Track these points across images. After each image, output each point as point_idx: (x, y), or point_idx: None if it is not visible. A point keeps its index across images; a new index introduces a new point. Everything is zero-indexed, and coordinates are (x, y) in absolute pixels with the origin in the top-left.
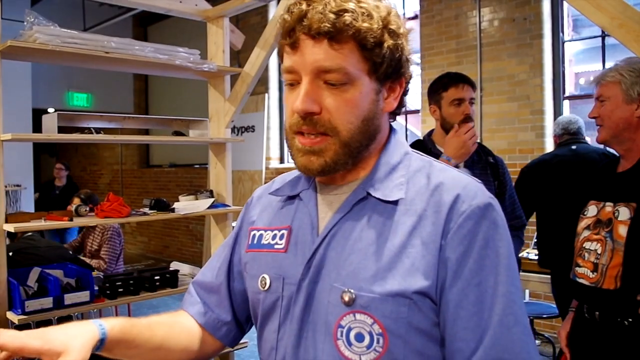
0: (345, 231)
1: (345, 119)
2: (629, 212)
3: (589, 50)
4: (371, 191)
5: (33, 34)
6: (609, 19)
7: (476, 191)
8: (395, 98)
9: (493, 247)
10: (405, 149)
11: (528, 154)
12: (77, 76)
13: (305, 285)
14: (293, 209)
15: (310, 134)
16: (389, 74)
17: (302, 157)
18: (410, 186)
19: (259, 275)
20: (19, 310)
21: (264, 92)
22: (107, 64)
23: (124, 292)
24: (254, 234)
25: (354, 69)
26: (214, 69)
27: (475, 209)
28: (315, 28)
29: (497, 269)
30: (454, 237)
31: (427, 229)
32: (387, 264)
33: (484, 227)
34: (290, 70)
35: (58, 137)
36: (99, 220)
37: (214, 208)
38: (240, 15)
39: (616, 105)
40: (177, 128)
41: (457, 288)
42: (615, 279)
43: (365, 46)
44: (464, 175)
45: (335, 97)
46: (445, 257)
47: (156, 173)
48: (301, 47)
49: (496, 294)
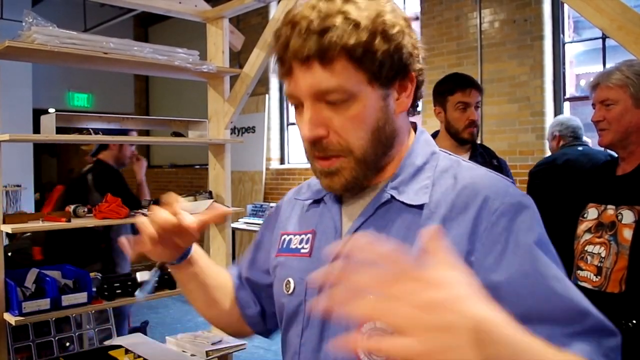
0: (369, 234)
1: (354, 135)
2: (633, 215)
3: (589, 52)
4: (395, 194)
5: (31, 35)
6: (608, 21)
7: (506, 189)
8: (408, 95)
9: (532, 241)
10: (431, 148)
11: (528, 155)
12: (77, 76)
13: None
14: (318, 212)
15: (325, 157)
16: (393, 77)
17: (324, 179)
18: (437, 188)
19: (284, 279)
20: (16, 311)
21: (264, 93)
22: (106, 65)
23: (122, 293)
24: (284, 238)
25: (352, 84)
26: (213, 69)
27: (508, 206)
28: (300, 53)
29: (541, 262)
30: (489, 237)
31: (453, 232)
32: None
33: (520, 223)
34: (290, 96)
35: (56, 138)
36: (98, 221)
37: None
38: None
39: (625, 109)
40: (176, 129)
41: (503, 285)
42: (620, 282)
43: (357, 59)
44: (493, 174)
45: (339, 116)
46: (479, 259)
47: (156, 173)
48: (294, 74)
49: (547, 277)
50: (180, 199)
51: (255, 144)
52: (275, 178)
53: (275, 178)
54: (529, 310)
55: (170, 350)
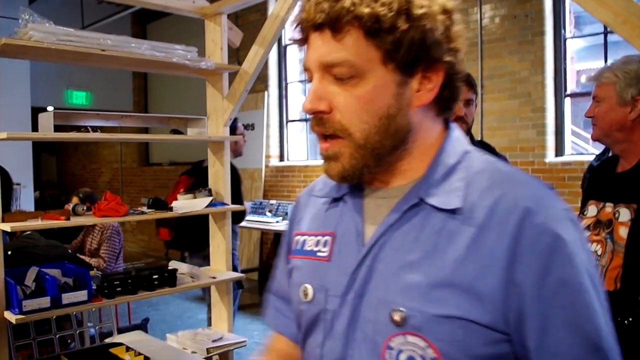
0: (396, 241)
1: (357, 118)
2: (629, 213)
3: (590, 48)
4: (425, 197)
5: (28, 32)
6: (613, 15)
7: (550, 200)
8: (432, 89)
9: (575, 267)
10: (464, 147)
11: (529, 151)
12: (76, 74)
13: (350, 300)
14: (337, 212)
15: (323, 136)
16: (412, 62)
17: (324, 164)
18: (471, 191)
19: (300, 284)
20: (17, 309)
21: (263, 90)
22: (103, 62)
23: (122, 291)
24: (297, 239)
25: (362, 60)
26: (212, 66)
27: (551, 221)
28: (311, 19)
29: (582, 293)
30: (528, 258)
31: (489, 243)
32: (443, 280)
33: (563, 242)
34: (304, 67)
35: (54, 136)
36: (97, 219)
37: (213, 207)
38: (240, 12)
39: (610, 107)
40: (175, 126)
41: (538, 314)
42: (615, 280)
43: (370, 33)
44: (533, 180)
45: (345, 94)
46: (517, 281)
47: (156, 171)
48: (309, 42)
49: (585, 315)
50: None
51: (254, 141)
52: (274, 175)
53: (274, 175)
54: (551, 348)
55: (171, 347)
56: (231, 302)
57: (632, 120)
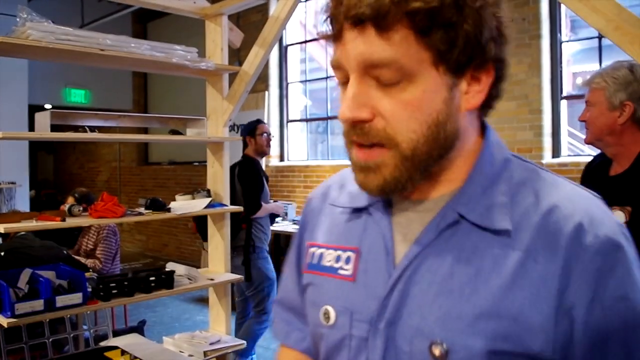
0: (432, 264)
1: (405, 126)
2: (624, 216)
3: (586, 51)
4: (464, 213)
5: (26, 30)
6: (604, 22)
7: (602, 216)
8: (481, 90)
9: (632, 288)
10: (504, 153)
11: (527, 153)
12: (74, 72)
13: (383, 328)
14: (361, 225)
15: (363, 146)
16: (465, 62)
17: (358, 174)
18: (515, 207)
19: (321, 306)
20: (9, 313)
21: (264, 90)
22: (102, 62)
23: (118, 293)
24: (313, 251)
25: (412, 62)
26: (212, 67)
27: (604, 240)
28: (353, 13)
29: (635, 313)
30: (580, 279)
31: (539, 267)
32: (488, 310)
33: (618, 263)
34: (335, 65)
35: (51, 136)
36: (93, 220)
37: (211, 208)
38: (241, 13)
39: (600, 112)
40: (174, 126)
41: (590, 342)
42: None
43: (422, 31)
44: (582, 191)
45: (390, 99)
46: (568, 304)
47: (155, 171)
48: (344, 38)
49: (632, 344)
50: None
51: None
52: (274, 175)
53: (274, 175)
54: None
55: (167, 350)
56: (229, 304)
57: (621, 124)
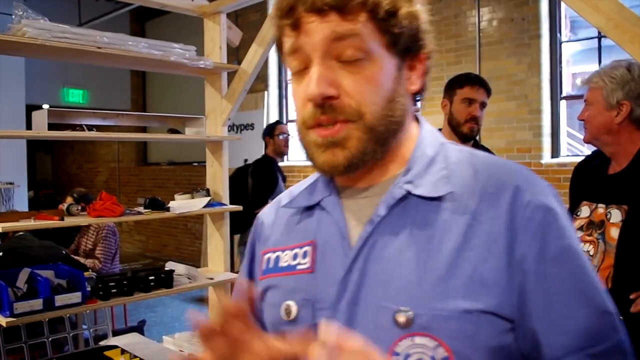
0: (387, 240)
1: (369, 99)
2: (620, 215)
3: (585, 51)
4: (411, 189)
5: (22, 28)
6: (605, 20)
7: (534, 178)
8: (419, 76)
9: (568, 237)
10: (440, 139)
11: (526, 153)
12: (72, 72)
13: (343, 309)
14: (314, 221)
15: (329, 124)
16: (408, 47)
17: (323, 153)
18: (455, 179)
19: (280, 304)
20: (7, 312)
21: (263, 90)
22: (100, 60)
23: (117, 292)
24: (268, 257)
25: (371, 41)
26: (210, 65)
27: (540, 198)
28: (317, 2)
29: (578, 260)
30: (526, 233)
31: (485, 227)
32: (446, 274)
33: (555, 217)
34: (295, 50)
35: (48, 134)
36: (92, 219)
37: (211, 207)
38: (239, 11)
39: (598, 111)
40: (173, 125)
41: (542, 290)
42: (607, 280)
43: (379, 16)
44: (512, 163)
45: (354, 75)
46: (518, 258)
47: (154, 171)
48: (305, 26)
49: (586, 281)
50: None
51: (254, 141)
52: None
53: None
54: (560, 323)
55: (167, 349)
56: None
57: (618, 123)
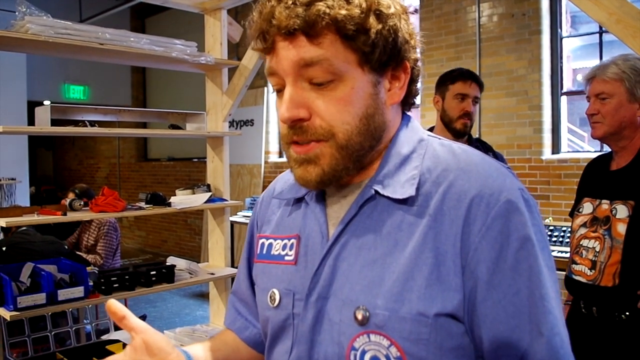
0: (357, 238)
1: (340, 119)
2: (627, 210)
3: (586, 47)
4: (379, 189)
5: (25, 24)
6: (606, 15)
7: (503, 180)
8: (401, 87)
9: (529, 247)
10: (419, 135)
11: (526, 149)
12: (73, 68)
13: (314, 302)
14: (301, 214)
15: (304, 142)
16: (386, 62)
17: (298, 168)
18: (425, 180)
19: (268, 290)
20: (11, 306)
21: (263, 86)
22: (102, 56)
23: (119, 287)
24: (262, 242)
25: (340, 62)
26: (211, 61)
27: (503, 204)
28: (285, 26)
29: (534, 272)
30: (483, 241)
31: (444, 230)
32: (403, 275)
33: (516, 225)
34: (270, 72)
35: (51, 130)
36: (94, 214)
37: (211, 202)
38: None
39: (620, 103)
40: (174, 121)
41: (492, 301)
42: (614, 276)
43: (347, 35)
44: (488, 160)
45: (324, 97)
46: (472, 265)
47: (154, 167)
48: (277, 50)
49: (537, 302)
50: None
51: (254, 137)
52: (274, 171)
53: (274, 171)
54: (503, 338)
55: None
56: None
57: None
